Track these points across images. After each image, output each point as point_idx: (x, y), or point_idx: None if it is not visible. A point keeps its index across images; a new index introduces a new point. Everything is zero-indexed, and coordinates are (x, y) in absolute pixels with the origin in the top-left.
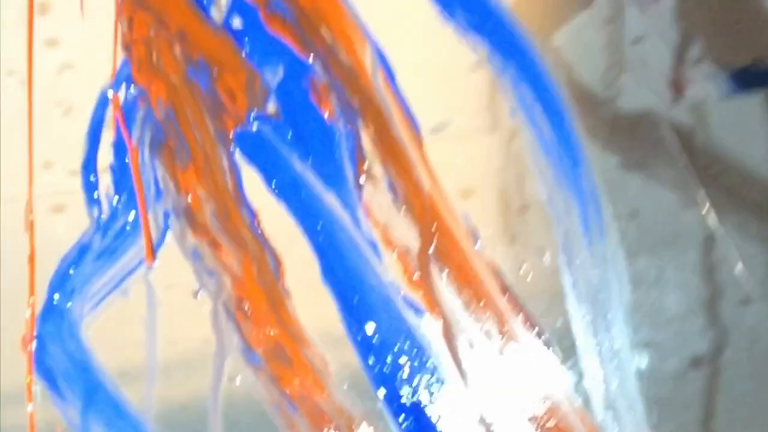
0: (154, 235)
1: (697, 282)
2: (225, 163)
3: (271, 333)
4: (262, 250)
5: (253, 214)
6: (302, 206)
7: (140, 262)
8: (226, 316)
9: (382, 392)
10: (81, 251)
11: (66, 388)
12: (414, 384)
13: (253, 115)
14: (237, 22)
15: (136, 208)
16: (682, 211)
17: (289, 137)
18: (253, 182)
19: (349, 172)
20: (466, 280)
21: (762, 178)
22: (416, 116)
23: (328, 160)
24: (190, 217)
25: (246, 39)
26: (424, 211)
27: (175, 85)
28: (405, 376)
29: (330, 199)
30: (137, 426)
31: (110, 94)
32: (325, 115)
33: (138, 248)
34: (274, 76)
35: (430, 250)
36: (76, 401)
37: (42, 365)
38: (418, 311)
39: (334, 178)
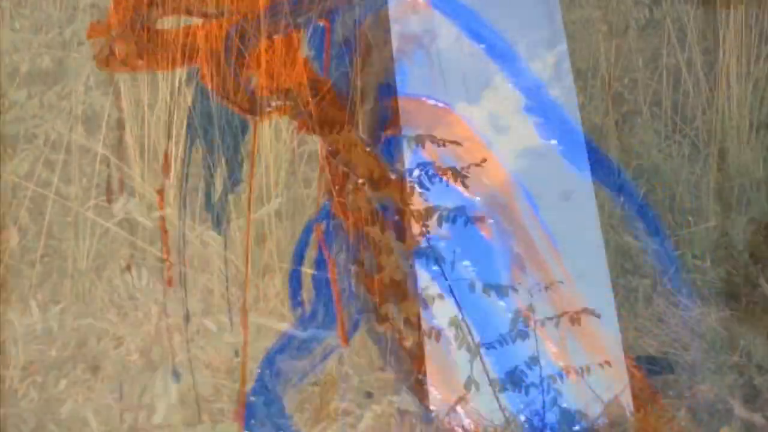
0: (347, 326)
1: None
2: (407, 270)
3: None
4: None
5: (426, 305)
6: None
7: (334, 348)
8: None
9: None
10: (286, 341)
11: None
12: None
13: (429, 237)
14: (416, 173)
15: (333, 307)
16: None
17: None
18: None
19: (505, 276)
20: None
21: None
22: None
23: (488, 267)
24: (377, 312)
25: (422, 182)
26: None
27: (365, 217)
28: None
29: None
30: None
31: (314, 224)
32: (485, 236)
33: (333, 337)
34: (445, 208)
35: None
36: None
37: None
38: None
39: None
